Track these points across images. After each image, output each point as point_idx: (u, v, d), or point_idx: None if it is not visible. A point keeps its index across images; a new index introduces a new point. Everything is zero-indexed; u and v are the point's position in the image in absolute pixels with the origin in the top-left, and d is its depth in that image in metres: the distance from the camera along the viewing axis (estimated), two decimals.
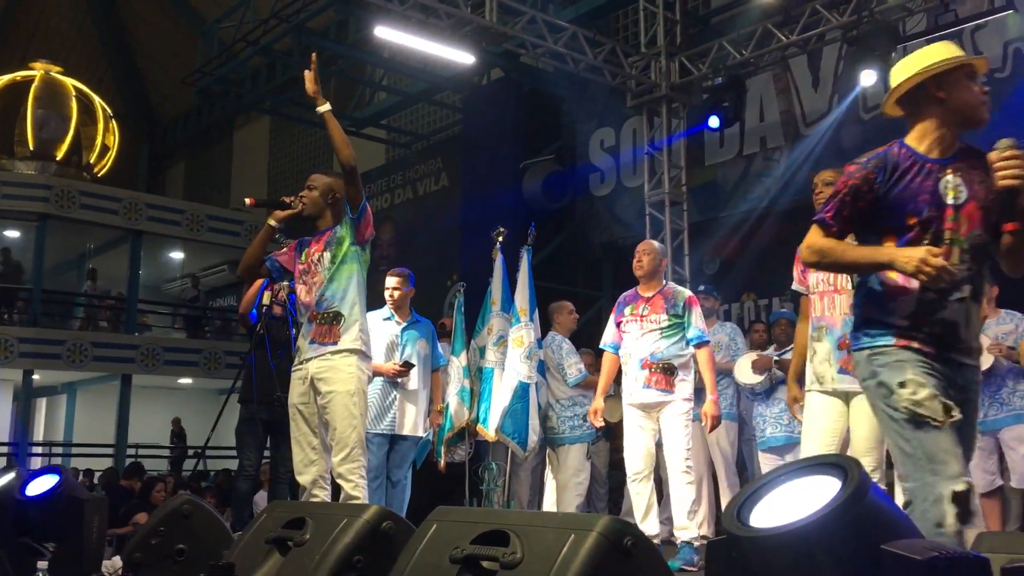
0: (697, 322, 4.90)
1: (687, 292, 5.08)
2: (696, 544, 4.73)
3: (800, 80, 8.98)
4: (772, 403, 5.84)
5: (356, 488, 3.78)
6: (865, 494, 1.71)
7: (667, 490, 6.58)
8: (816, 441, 3.65)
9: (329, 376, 3.80)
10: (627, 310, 5.02)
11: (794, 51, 8.38)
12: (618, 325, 5.05)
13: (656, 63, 9.10)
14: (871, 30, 7.46)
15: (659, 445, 6.58)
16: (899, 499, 4.78)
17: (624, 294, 5.13)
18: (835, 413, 3.65)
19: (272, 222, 3.97)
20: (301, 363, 3.90)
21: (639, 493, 4.89)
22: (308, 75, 3.77)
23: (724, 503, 5.06)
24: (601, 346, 5.21)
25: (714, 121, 8.53)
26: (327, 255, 3.90)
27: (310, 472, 3.85)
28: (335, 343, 3.83)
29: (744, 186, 9.34)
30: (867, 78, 7.51)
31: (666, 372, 4.84)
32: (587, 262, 11.18)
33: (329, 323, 3.85)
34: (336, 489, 3.91)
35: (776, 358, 5.82)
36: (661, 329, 4.88)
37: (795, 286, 4.00)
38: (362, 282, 3.95)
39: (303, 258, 4.00)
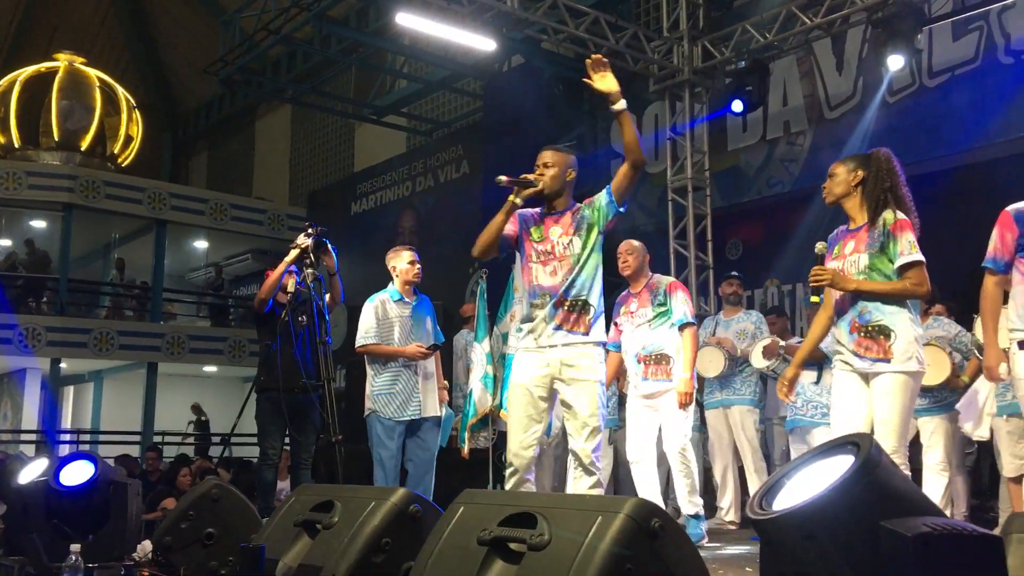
0: (680, 306, 5.12)
1: (669, 279, 5.36)
2: (703, 517, 5.14)
3: (824, 63, 8.88)
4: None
5: (598, 469, 3.74)
6: (872, 471, 1.67)
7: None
8: (845, 426, 3.62)
9: (581, 364, 3.73)
10: (621, 310, 5.33)
11: (818, 34, 8.29)
12: (616, 325, 5.32)
13: (679, 47, 9.04)
14: (896, 12, 7.36)
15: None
16: (928, 487, 4.76)
17: (620, 295, 5.40)
18: (860, 395, 3.61)
19: (518, 200, 3.87)
20: (541, 347, 3.78)
21: (642, 476, 5.12)
22: (600, 76, 3.81)
23: (752, 488, 5.09)
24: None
25: (737, 105, 8.45)
26: (577, 240, 3.84)
27: (529, 454, 3.76)
28: (586, 333, 3.77)
29: (767, 171, 9.27)
30: (894, 62, 7.41)
31: (659, 362, 5.12)
32: (609, 248, 11.13)
33: (578, 312, 3.77)
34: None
35: (783, 344, 5.94)
36: (648, 321, 5.17)
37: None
38: (601, 273, 3.94)
39: (536, 235, 3.88)
